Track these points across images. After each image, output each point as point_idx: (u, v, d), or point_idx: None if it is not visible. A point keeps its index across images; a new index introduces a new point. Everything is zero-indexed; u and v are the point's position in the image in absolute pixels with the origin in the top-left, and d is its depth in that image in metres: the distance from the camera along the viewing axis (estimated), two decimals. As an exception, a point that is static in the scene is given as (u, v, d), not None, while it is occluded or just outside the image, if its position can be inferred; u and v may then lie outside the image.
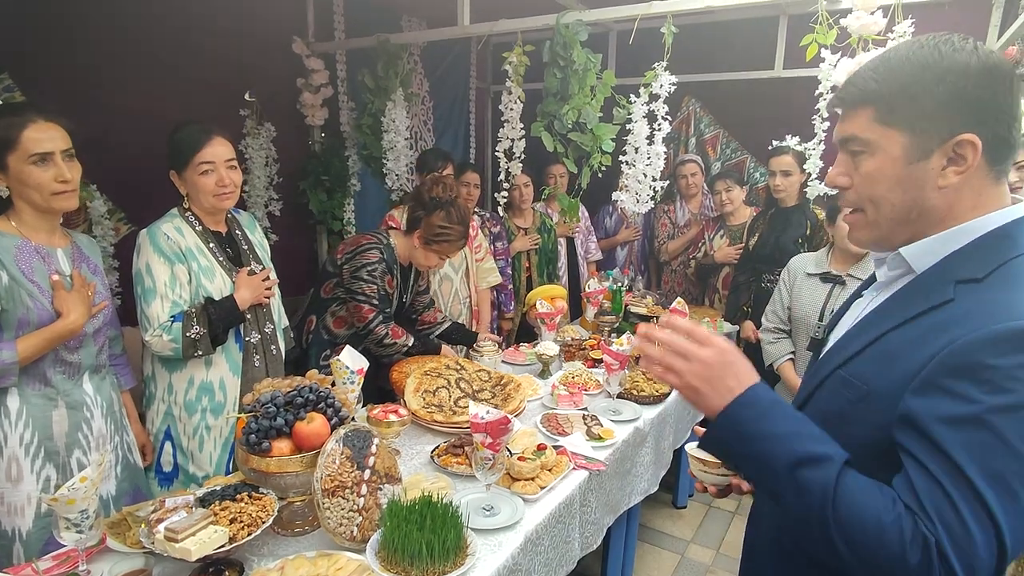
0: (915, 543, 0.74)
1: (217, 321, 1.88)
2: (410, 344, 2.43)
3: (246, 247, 2.09)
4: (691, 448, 1.17)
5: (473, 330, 3.00)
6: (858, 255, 2.43)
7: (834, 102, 0.93)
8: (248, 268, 2.02)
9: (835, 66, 2.22)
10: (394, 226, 2.73)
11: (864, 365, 0.89)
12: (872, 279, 1.03)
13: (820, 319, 2.45)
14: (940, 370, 0.78)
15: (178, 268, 1.88)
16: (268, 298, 2.07)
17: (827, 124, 2.41)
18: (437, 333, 2.70)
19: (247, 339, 2.02)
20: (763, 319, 2.80)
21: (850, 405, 0.88)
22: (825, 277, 2.50)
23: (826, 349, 1.05)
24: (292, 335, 2.43)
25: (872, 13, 2.08)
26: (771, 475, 0.83)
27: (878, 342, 0.88)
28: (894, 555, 0.74)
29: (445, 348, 2.61)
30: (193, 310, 1.87)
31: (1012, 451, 0.73)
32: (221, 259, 1.98)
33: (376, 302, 2.36)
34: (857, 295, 1.08)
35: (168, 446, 1.97)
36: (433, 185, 2.41)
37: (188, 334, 1.83)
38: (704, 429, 0.92)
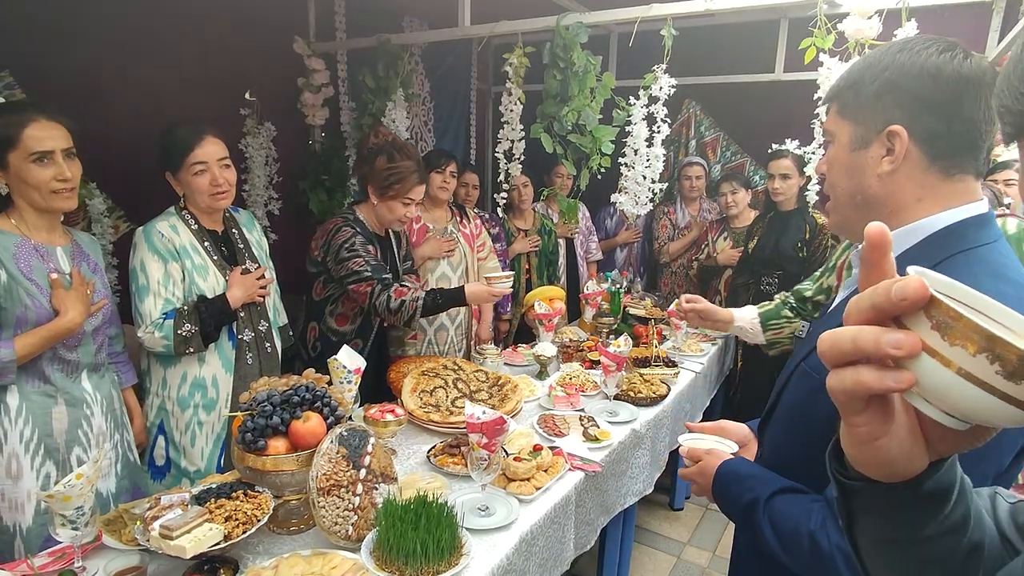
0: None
1: (208, 319, 1.89)
2: (422, 295, 2.21)
3: (242, 246, 2.09)
4: (683, 439, 1.25)
5: (474, 330, 2.99)
6: None
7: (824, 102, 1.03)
8: (242, 267, 2.02)
9: (831, 70, 2.23)
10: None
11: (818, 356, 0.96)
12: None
13: None
14: None
15: (171, 266, 1.90)
16: (262, 297, 2.06)
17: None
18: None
19: (240, 337, 2.03)
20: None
21: (811, 394, 0.94)
22: None
23: None
24: (291, 332, 2.41)
25: (868, 18, 2.08)
26: (737, 521, 1.10)
27: None
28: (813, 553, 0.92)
29: (475, 288, 2.29)
30: (185, 308, 1.89)
31: None
32: (215, 257, 1.99)
33: (368, 273, 2.22)
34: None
35: (161, 440, 1.99)
36: (365, 140, 2.32)
37: (179, 331, 1.85)
38: (695, 424, 1.16)
